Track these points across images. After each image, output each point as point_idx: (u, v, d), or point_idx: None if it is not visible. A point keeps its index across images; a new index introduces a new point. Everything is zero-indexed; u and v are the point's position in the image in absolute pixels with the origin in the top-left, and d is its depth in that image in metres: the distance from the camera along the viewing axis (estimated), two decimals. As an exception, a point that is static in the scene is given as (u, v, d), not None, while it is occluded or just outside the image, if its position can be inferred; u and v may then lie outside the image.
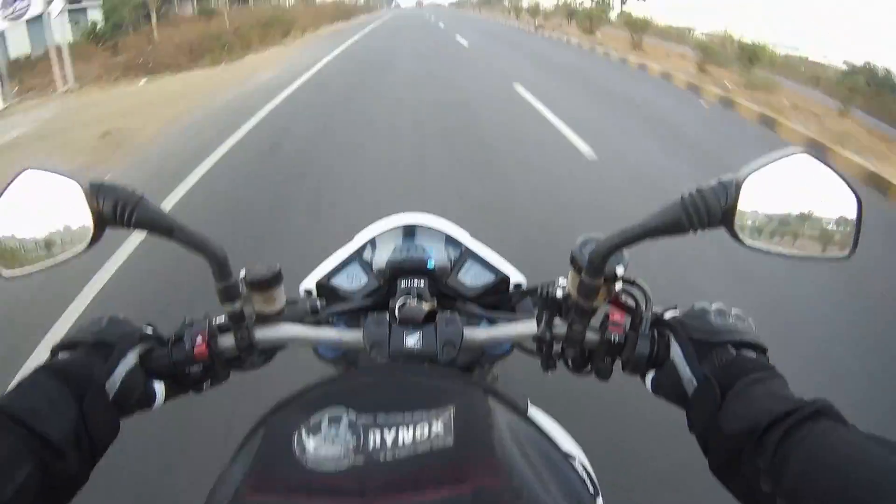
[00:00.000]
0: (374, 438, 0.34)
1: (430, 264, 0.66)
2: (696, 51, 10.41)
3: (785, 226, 0.49)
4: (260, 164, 4.62)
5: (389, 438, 0.34)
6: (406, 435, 0.34)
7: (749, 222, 0.47)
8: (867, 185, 4.39)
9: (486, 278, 0.67)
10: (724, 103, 7.38)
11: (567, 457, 0.38)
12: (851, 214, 0.48)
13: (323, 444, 0.34)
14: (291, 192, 3.87)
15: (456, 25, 22.07)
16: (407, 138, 5.28)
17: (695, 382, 0.47)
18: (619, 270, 0.51)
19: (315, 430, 0.35)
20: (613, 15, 19.07)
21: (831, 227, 0.50)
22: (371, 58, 11.58)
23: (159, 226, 0.47)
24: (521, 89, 7.68)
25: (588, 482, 0.49)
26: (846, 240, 0.49)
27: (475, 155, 4.73)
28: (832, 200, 0.49)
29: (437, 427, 0.34)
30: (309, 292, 0.67)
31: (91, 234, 0.48)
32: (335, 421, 0.35)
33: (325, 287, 0.67)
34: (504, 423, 0.36)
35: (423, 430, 0.34)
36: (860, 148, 5.36)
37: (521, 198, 3.76)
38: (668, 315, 0.53)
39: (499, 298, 0.67)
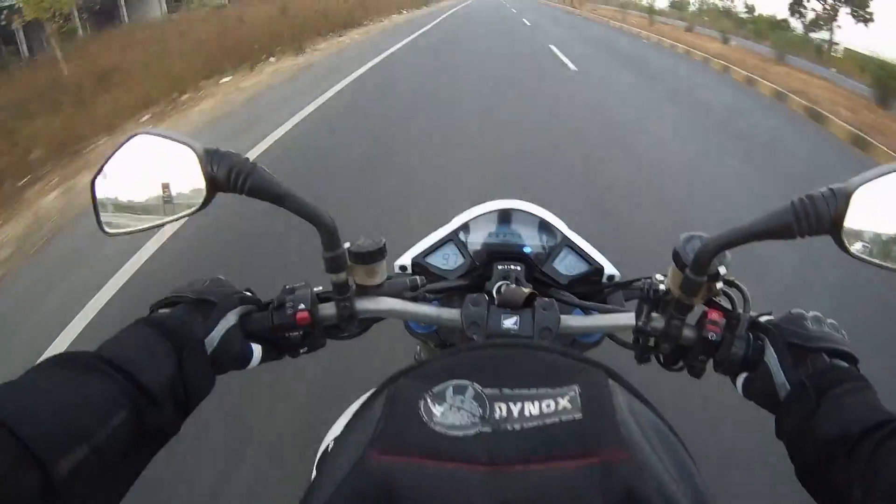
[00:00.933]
0: (501, 409, 0.34)
1: (527, 250, 0.67)
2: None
3: (891, 239, 0.49)
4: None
5: (516, 410, 0.34)
6: (532, 408, 0.34)
7: (855, 233, 0.46)
8: None
9: (580, 268, 0.68)
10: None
11: (680, 440, 0.38)
12: None
13: (450, 412, 0.34)
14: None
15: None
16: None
17: (788, 387, 0.48)
18: (722, 270, 0.51)
19: (440, 398, 0.35)
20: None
21: None
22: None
23: (272, 193, 0.48)
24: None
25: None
26: None
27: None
28: None
29: (564, 402, 0.34)
30: (404, 267, 0.68)
31: (203, 199, 0.50)
32: (460, 391, 0.35)
33: (419, 265, 0.68)
34: (625, 404, 0.36)
35: (549, 405, 0.34)
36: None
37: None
38: (763, 319, 0.54)
39: (591, 289, 0.68)
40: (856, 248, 0.47)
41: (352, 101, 6.46)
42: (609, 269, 0.68)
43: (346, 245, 0.55)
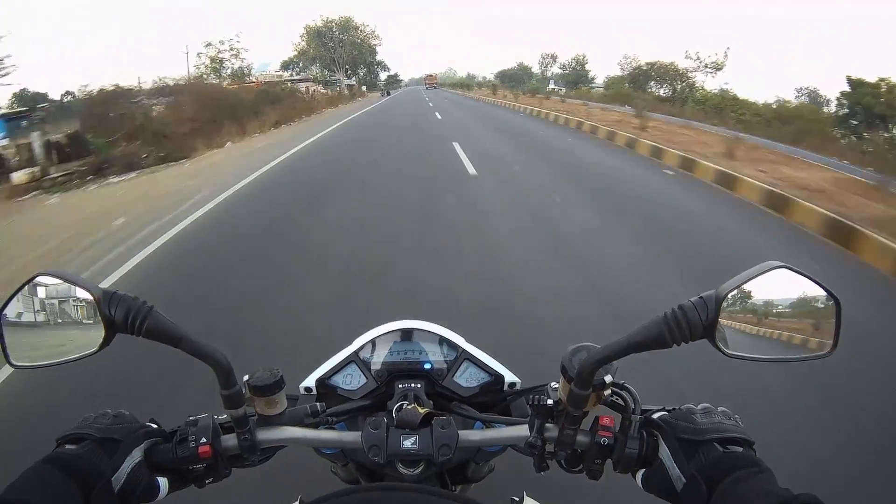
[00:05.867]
0: None
1: (427, 366, 0.68)
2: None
3: (766, 333, 0.52)
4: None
5: None
6: None
7: (731, 334, 0.49)
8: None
9: (481, 378, 0.69)
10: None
11: None
12: (830, 315, 0.51)
13: None
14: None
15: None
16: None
17: (683, 480, 0.49)
18: (608, 379, 0.53)
19: None
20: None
21: (810, 329, 0.53)
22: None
23: (168, 336, 0.50)
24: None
25: None
26: (826, 339, 0.52)
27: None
28: (811, 305, 0.52)
29: None
30: (309, 389, 0.69)
31: (101, 340, 0.51)
32: None
33: (324, 385, 0.69)
34: None
35: None
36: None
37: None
38: (656, 416, 0.55)
39: (494, 397, 0.69)
40: (732, 349, 0.50)
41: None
42: (509, 377, 0.69)
43: (245, 378, 0.56)
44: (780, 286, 0.50)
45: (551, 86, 56.12)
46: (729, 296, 0.47)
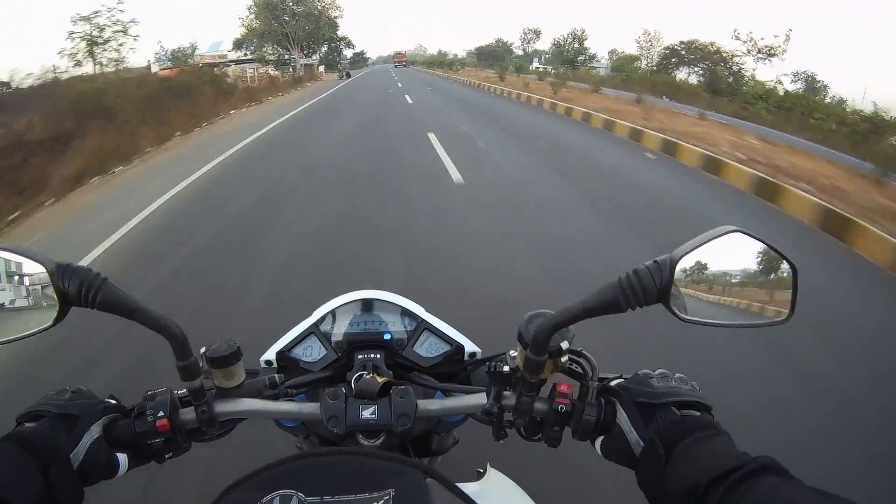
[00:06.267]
0: None
1: (388, 336, 0.68)
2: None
3: (721, 298, 0.51)
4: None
5: None
6: None
7: (685, 298, 0.49)
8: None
9: (441, 349, 0.69)
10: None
11: None
12: (787, 280, 0.51)
13: None
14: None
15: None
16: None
17: (641, 444, 0.49)
18: (564, 345, 0.53)
19: None
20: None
21: (767, 295, 0.53)
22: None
23: (122, 308, 0.49)
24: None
25: None
26: (783, 305, 0.51)
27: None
28: (767, 270, 0.52)
29: None
30: (269, 362, 0.69)
31: (56, 314, 0.50)
32: (286, 500, 0.38)
33: (284, 358, 0.69)
34: (443, 502, 0.38)
35: None
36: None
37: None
38: (613, 383, 0.56)
39: (455, 367, 0.69)
40: (688, 314, 0.50)
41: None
42: (469, 346, 0.70)
43: (202, 350, 0.56)
44: (736, 251, 0.50)
45: (535, 64, 51.61)
46: (683, 259, 0.47)
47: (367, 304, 0.71)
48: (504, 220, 4.56)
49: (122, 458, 0.54)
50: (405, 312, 0.71)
